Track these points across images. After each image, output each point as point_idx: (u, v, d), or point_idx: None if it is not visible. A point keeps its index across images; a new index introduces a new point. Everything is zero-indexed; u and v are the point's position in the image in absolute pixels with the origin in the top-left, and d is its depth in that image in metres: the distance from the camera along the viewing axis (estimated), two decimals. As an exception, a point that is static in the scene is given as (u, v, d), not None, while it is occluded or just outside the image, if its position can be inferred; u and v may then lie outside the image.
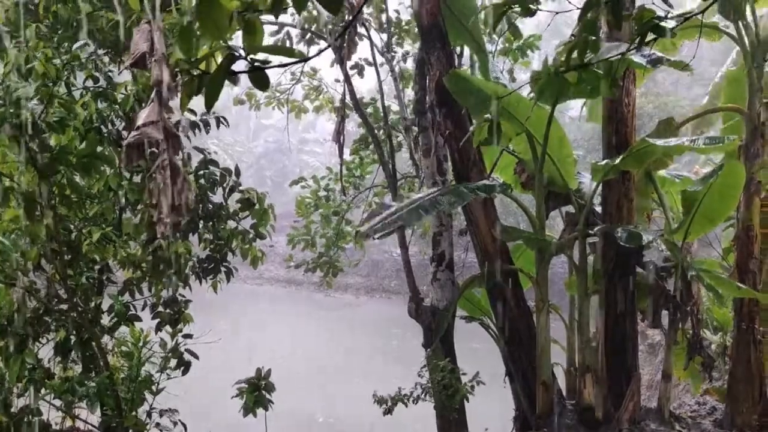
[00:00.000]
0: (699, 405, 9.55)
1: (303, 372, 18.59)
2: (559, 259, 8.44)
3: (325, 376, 18.69)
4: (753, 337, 7.56)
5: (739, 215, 7.62)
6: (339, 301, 33.52)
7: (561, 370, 7.89)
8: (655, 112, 22.24)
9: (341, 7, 1.62)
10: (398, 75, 9.75)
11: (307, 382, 17.08)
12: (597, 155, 10.43)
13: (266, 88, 2.14)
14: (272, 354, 20.06)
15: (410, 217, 6.20)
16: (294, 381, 17.38)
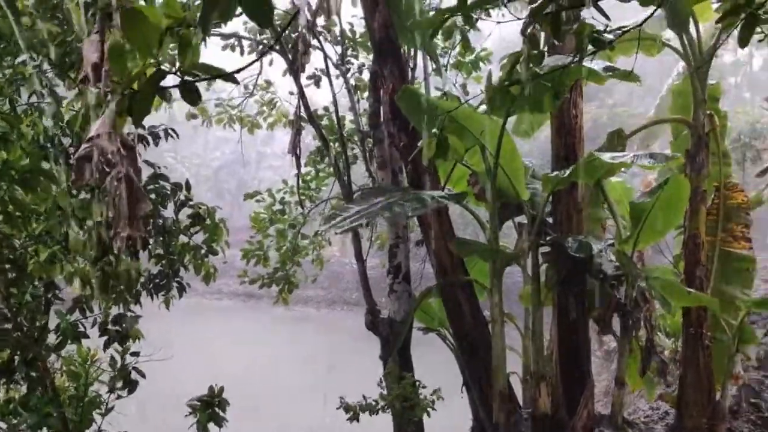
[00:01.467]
0: (652, 410, 9.76)
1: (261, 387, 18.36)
2: (517, 269, 8.55)
3: (284, 390, 18.50)
4: (701, 343, 7.75)
5: (687, 224, 7.83)
6: (299, 315, 33.27)
7: (518, 379, 7.97)
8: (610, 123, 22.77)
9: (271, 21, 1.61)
10: (353, 87, 9.75)
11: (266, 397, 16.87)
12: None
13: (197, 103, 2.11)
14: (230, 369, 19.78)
15: (371, 216, 6.18)
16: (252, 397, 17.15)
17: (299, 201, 10.18)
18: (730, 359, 7.88)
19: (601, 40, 3.02)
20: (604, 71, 5.04)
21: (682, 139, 8.23)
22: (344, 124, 10.11)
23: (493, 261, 7.34)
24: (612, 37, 3.06)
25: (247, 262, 10.94)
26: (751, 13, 2.77)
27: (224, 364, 20.19)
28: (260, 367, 21.37)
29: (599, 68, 5.02)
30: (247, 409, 15.33)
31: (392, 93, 7.25)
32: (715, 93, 7.90)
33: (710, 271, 7.83)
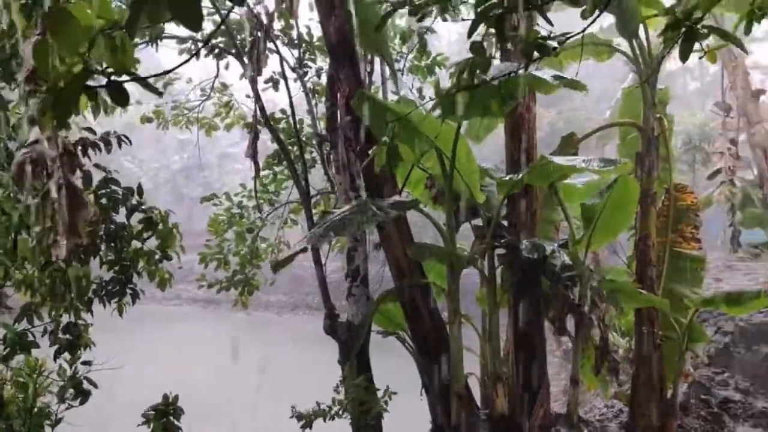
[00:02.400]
0: (608, 408, 9.94)
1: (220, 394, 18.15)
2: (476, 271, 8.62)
3: (243, 397, 18.29)
4: (653, 342, 7.93)
5: (638, 225, 8.01)
6: (261, 320, 32.97)
7: (477, 380, 8.04)
8: (566, 127, 23.14)
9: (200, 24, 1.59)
10: (310, 90, 9.72)
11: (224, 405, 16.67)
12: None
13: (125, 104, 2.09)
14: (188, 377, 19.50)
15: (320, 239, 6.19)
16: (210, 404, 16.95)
17: (256, 204, 10.09)
18: (680, 357, 8.07)
19: (546, 47, 3.06)
20: (552, 80, 5.12)
21: (629, 142, 8.43)
22: (302, 127, 10.06)
23: (449, 263, 7.39)
24: (556, 44, 3.11)
25: (206, 266, 10.81)
26: (690, 28, 2.84)
27: (182, 372, 19.88)
28: (219, 373, 21.11)
29: (548, 77, 5.10)
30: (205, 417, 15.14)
31: (348, 97, 7.26)
32: (664, 97, 8.11)
33: (661, 271, 8.02)
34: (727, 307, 7.80)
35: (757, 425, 9.65)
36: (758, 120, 14.42)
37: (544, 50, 3.07)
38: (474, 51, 3.16)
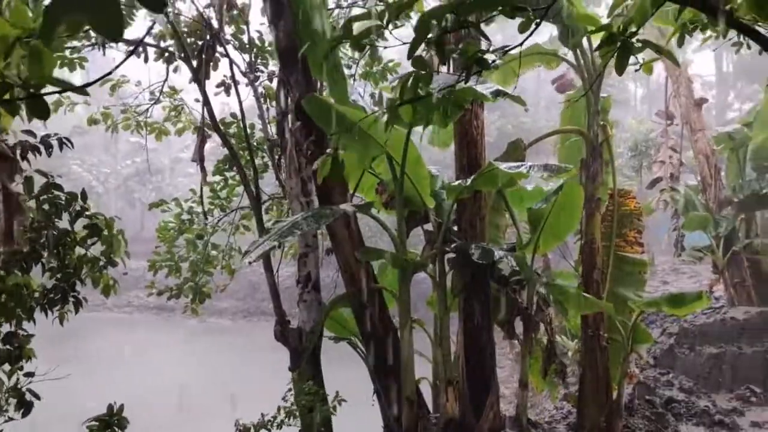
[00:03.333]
0: (557, 410, 10.12)
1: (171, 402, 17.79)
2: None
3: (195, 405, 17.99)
4: (599, 344, 8.11)
5: (583, 230, 8.19)
6: (214, 326, 32.51)
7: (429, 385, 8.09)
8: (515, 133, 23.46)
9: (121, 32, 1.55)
10: (262, 95, 9.64)
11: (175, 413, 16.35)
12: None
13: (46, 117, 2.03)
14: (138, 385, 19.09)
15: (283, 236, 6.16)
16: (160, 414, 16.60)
17: (203, 211, 9.93)
18: (625, 359, 8.28)
19: (485, 61, 3.11)
20: (491, 95, 5.20)
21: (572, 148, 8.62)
22: (254, 132, 9.97)
23: (400, 268, 7.43)
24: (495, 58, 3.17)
25: (155, 273, 10.59)
26: (624, 42, 2.93)
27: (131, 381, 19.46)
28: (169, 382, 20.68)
29: (486, 92, 5.18)
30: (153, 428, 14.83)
31: (298, 101, 7.25)
32: (607, 105, 8.32)
33: (606, 274, 8.21)
34: (669, 309, 8.04)
35: (699, 424, 9.97)
36: (701, 128, 14.93)
37: (483, 64, 3.12)
38: (415, 64, 3.20)
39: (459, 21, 2.68)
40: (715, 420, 10.07)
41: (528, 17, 2.88)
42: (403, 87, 3.40)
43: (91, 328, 29.38)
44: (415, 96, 3.38)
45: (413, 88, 3.34)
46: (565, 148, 8.83)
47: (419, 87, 3.35)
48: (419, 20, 2.75)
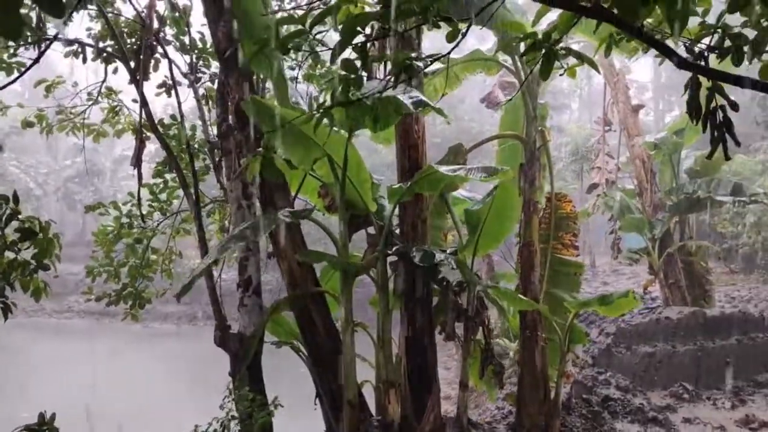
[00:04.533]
0: (498, 410, 10.27)
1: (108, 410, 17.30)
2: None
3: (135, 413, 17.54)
4: (537, 344, 8.28)
5: (522, 233, 8.36)
6: (158, 331, 31.82)
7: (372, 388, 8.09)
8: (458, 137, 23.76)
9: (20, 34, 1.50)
10: (203, 96, 9.51)
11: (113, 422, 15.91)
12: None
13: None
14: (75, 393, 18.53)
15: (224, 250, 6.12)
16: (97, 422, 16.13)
17: (141, 214, 9.70)
18: (562, 359, 8.47)
19: (413, 68, 3.15)
20: (413, 105, 5.26)
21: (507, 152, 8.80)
22: (195, 134, 9.81)
23: (343, 271, 7.44)
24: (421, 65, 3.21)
25: (93, 278, 10.30)
26: (549, 50, 3.01)
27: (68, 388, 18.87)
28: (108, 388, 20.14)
29: (409, 102, 5.23)
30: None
31: (238, 103, 7.18)
32: (544, 111, 8.51)
33: (543, 276, 8.39)
34: (600, 309, 8.27)
35: (634, 421, 10.29)
36: (637, 133, 15.44)
37: (411, 72, 3.16)
38: (346, 69, 3.21)
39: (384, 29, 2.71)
40: (649, 417, 10.41)
41: (455, 27, 2.94)
42: (334, 92, 3.41)
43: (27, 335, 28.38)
44: (346, 100, 3.40)
45: (344, 92, 3.36)
46: (504, 153, 9.00)
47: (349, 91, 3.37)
48: (344, 26, 2.77)
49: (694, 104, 2.85)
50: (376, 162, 30.17)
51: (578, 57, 3.23)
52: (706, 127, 2.89)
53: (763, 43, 2.78)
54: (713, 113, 2.84)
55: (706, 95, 2.85)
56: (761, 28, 2.78)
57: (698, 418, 10.80)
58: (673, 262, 15.07)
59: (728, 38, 2.84)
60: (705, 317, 13.33)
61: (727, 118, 2.86)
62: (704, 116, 2.85)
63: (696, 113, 2.88)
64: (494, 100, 8.62)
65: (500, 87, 8.68)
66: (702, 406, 11.57)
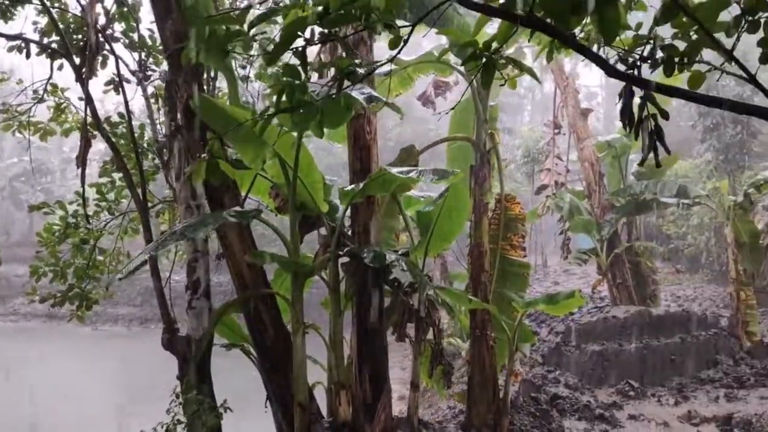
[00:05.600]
0: (450, 409, 10.38)
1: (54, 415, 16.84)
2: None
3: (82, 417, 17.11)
4: (486, 344, 8.40)
5: (472, 234, 8.46)
6: (108, 334, 31.11)
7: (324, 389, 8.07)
8: (412, 139, 23.90)
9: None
10: (152, 95, 9.33)
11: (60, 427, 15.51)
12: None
13: None
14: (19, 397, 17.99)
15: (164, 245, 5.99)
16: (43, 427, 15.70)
17: (85, 214, 9.47)
18: (510, 357, 8.61)
19: (355, 74, 3.16)
20: (366, 101, 5.31)
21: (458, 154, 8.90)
22: (143, 133, 9.63)
23: (294, 273, 7.40)
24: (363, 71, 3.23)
25: (37, 279, 10.01)
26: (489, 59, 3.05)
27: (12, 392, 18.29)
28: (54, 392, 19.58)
29: (362, 98, 5.28)
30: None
31: (187, 103, 7.08)
32: (495, 113, 8.64)
33: (492, 276, 8.51)
34: (546, 308, 8.44)
35: (582, 418, 10.52)
36: (586, 136, 15.80)
37: (353, 77, 3.17)
38: (289, 73, 3.21)
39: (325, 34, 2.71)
40: (595, 414, 10.65)
41: (396, 34, 2.96)
42: (279, 95, 3.40)
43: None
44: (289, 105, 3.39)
45: (288, 96, 3.34)
46: (455, 155, 9.10)
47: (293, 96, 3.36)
48: (283, 30, 2.77)
49: (627, 112, 2.94)
50: (332, 162, 30.10)
51: (518, 67, 3.29)
52: (638, 135, 2.99)
53: (693, 54, 2.88)
54: (645, 121, 2.94)
55: (638, 104, 2.94)
56: (690, 40, 2.87)
57: (643, 414, 11.09)
58: (620, 263, 15.46)
59: (660, 49, 2.93)
60: (651, 316, 13.71)
61: (658, 127, 2.96)
62: (636, 124, 2.95)
63: (629, 121, 2.97)
64: (429, 98, 8.72)
65: (434, 86, 8.77)
66: (647, 403, 11.89)
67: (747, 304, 14.36)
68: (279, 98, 3.39)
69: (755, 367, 13.34)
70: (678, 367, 13.15)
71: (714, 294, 21.83)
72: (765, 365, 13.37)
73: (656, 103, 2.90)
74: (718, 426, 10.35)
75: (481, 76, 3.09)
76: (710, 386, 12.67)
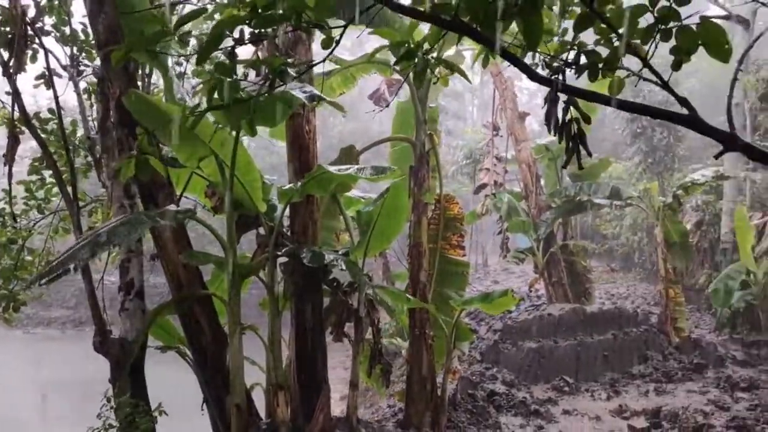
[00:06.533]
0: (389, 408, 10.44)
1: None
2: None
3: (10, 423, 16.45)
4: (425, 342, 8.49)
5: (411, 233, 8.54)
6: (41, 337, 29.92)
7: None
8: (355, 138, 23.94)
9: None
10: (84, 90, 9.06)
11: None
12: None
13: None
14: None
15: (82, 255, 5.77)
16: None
17: (12, 213, 9.11)
18: (448, 355, 8.73)
19: (286, 73, 3.16)
20: (307, 99, 5.31)
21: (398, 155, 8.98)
22: (75, 129, 9.33)
23: (230, 273, 7.31)
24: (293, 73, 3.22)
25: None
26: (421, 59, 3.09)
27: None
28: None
29: (303, 96, 5.28)
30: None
31: (119, 98, 6.90)
32: (434, 115, 8.74)
33: (432, 275, 8.61)
34: (482, 307, 8.60)
35: (517, 414, 10.75)
36: (524, 139, 16.15)
37: (283, 77, 3.17)
38: (220, 71, 3.17)
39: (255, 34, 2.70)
40: (531, 410, 10.90)
41: (329, 35, 2.96)
42: (211, 93, 3.36)
43: None
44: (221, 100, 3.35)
45: (220, 94, 3.31)
46: (396, 155, 9.17)
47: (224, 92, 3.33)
48: (212, 29, 2.74)
49: (552, 116, 3.03)
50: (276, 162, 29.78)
51: (449, 68, 3.34)
52: (561, 138, 3.09)
53: (615, 60, 2.99)
54: (568, 125, 3.03)
55: (562, 108, 3.03)
56: (612, 46, 2.98)
57: (576, 409, 11.41)
58: (556, 262, 15.86)
59: (584, 55, 3.03)
60: (585, 313, 14.11)
61: (580, 130, 3.07)
62: (560, 128, 3.04)
63: (555, 125, 3.07)
64: (382, 97, 8.77)
65: (387, 85, 8.82)
66: (581, 398, 12.23)
67: (676, 301, 14.95)
68: (210, 96, 3.36)
69: (683, 362, 13.90)
70: (610, 362, 13.57)
71: (646, 292, 22.61)
72: (692, 360, 13.95)
73: (579, 107, 3.00)
74: (647, 419, 10.73)
75: (413, 76, 3.13)
76: (641, 381, 13.13)
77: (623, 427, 10.40)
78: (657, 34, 2.45)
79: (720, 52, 2.40)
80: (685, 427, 10.11)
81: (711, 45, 2.41)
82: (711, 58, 2.50)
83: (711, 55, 2.43)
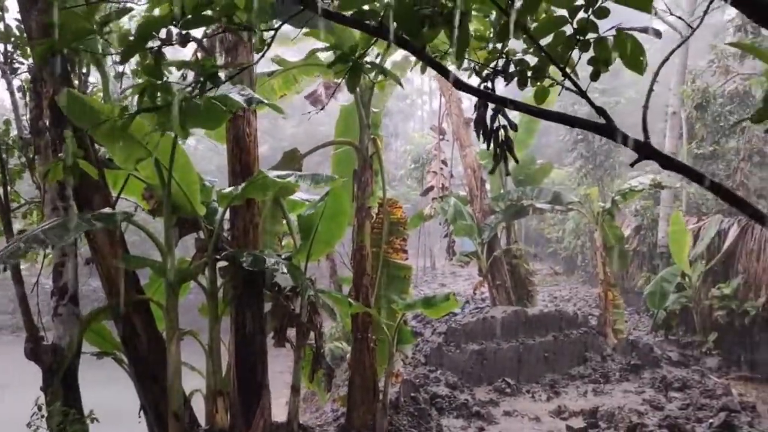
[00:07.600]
0: (332, 412, 10.41)
1: None
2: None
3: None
4: (367, 346, 8.50)
5: (355, 237, 8.55)
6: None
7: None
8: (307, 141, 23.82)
9: None
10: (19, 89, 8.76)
11: None
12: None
13: None
14: None
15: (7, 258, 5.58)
16: None
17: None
18: (390, 359, 8.76)
19: (216, 77, 3.13)
20: (246, 102, 5.28)
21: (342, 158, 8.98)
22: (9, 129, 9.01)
23: (168, 277, 7.17)
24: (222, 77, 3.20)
25: None
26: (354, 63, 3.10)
27: None
28: None
29: (242, 99, 5.24)
30: None
31: (53, 98, 6.70)
32: (377, 119, 8.77)
33: (375, 279, 8.63)
34: (424, 310, 8.67)
35: (459, 416, 10.86)
36: (469, 144, 16.35)
37: (214, 80, 3.14)
38: (150, 74, 3.12)
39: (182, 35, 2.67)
40: (473, 412, 11.03)
41: (261, 39, 2.95)
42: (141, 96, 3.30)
43: None
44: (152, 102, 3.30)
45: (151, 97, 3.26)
46: (339, 159, 9.16)
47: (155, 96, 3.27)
48: (138, 29, 2.70)
49: (480, 124, 3.09)
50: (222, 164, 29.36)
51: (383, 72, 3.36)
52: (489, 145, 3.15)
53: (543, 69, 3.06)
54: (496, 132, 3.10)
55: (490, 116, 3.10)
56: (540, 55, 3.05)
57: (517, 410, 11.60)
58: (499, 265, 16.11)
59: (513, 63, 3.09)
60: (526, 316, 14.36)
61: (507, 137, 3.14)
62: (488, 135, 3.11)
63: (484, 132, 3.13)
64: (318, 98, 8.75)
65: (325, 86, 8.81)
66: (522, 399, 12.44)
67: (614, 303, 15.38)
68: (141, 98, 3.30)
69: (620, 363, 14.29)
70: (551, 364, 13.85)
71: (587, 294, 23.16)
72: (629, 361, 14.36)
73: (506, 115, 3.07)
74: (585, 419, 10.99)
75: (347, 80, 3.14)
76: (580, 382, 13.45)
77: (562, 428, 10.63)
78: (577, 45, 2.52)
79: (635, 64, 2.49)
80: (620, 426, 10.40)
81: (627, 56, 2.49)
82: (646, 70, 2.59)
83: (626, 66, 2.52)
